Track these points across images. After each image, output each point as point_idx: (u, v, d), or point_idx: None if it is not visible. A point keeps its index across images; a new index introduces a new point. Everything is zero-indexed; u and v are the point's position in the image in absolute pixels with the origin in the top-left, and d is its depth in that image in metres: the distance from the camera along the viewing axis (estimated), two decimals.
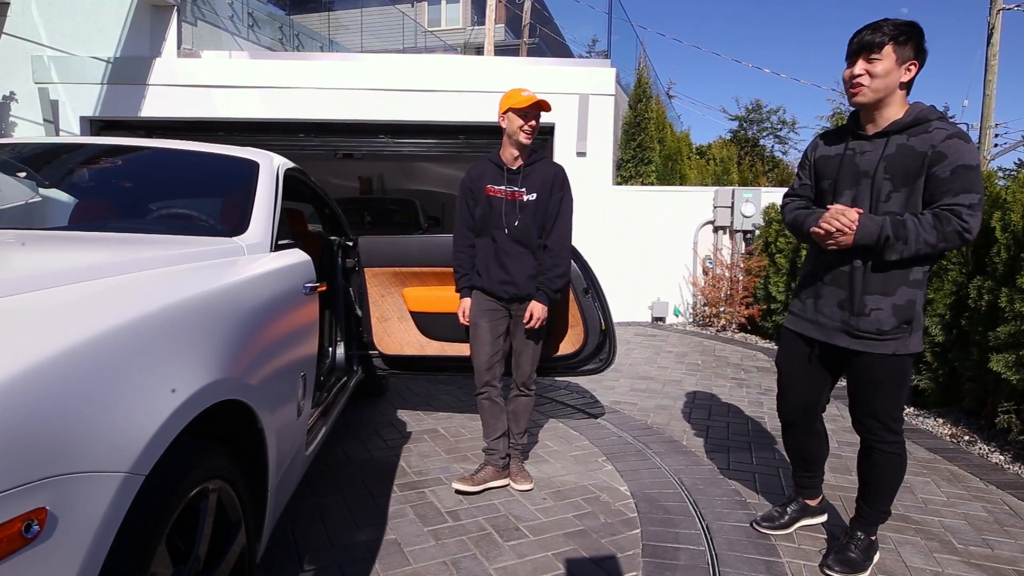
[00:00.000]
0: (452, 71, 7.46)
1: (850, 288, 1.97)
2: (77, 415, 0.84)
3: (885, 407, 2.02)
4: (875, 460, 2.11)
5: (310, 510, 2.55)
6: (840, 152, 2.01)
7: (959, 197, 1.80)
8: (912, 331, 1.94)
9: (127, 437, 0.91)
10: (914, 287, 1.92)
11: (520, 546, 2.30)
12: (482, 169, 2.78)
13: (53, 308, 0.99)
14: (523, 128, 2.64)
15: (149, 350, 1.04)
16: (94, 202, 2.37)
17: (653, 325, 7.56)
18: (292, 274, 2.01)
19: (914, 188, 1.87)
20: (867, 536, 2.17)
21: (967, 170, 1.80)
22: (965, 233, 1.81)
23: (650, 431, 3.63)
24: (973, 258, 3.82)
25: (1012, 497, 2.80)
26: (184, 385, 1.09)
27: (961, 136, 1.83)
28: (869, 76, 1.87)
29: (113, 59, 7.23)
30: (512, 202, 2.70)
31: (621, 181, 8.12)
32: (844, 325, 2.00)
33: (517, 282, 2.71)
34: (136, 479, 0.91)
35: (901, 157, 1.88)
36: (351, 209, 10.54)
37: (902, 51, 1.85)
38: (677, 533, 2.41)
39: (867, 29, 1.88)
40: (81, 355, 0.89)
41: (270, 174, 2.38)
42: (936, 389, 4.01)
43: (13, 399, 0.76)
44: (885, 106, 1.90)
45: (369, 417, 3.85)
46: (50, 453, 0.79)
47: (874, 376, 2.00)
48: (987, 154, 14.70)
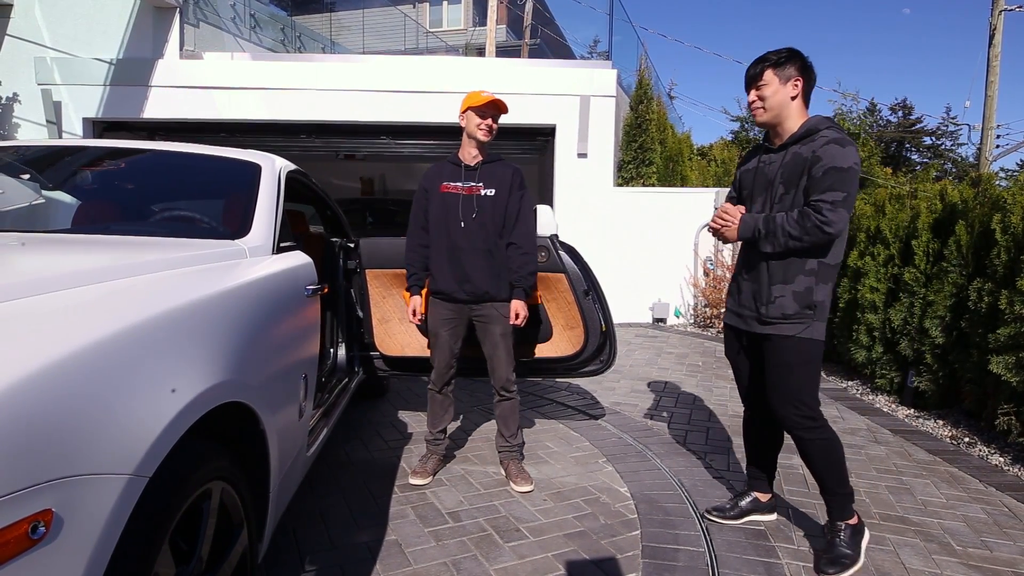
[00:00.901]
0: (454, 73, 7.47)
1: (759, 281, 2.20)
2: (83, 418, 0.86)
3: (800, 392, 2.15)
4: (808, 451, 2.21)
5: (311, 510, 2.56)
6: (755, 165, 2.28)
7: (824, 194, 2.01)
8: (815, 318, 2.13)
9: (132, 439, 0.93)
10: (810, 275, 2.12)
11: (520, 547, 2.31)
12: (439, 169, 2.83)
13: (58, 312, 1.01)
14: (480, 126, 2.73)
15: (153, 353, 1.05)
16: (96, 204, 2.38)
17: (654, 326, 7.56)
18: (294, 276, 2.02)
19: (799, 189, 2.10)
20: (847, 523, 2.21)
21: (837, 171, 2.01)
22: (825, 227, 1.99)
23: (650, 432, 3.64)
24: (973, 260, 3.83)
25: (1011, 499, 2.80)
26: (187, 388, 1.10)
27: (839, 142, 2.04)
28: (760, 100, 2.16)
29: (116, 60, 7.25)
30: (469, 197, 2.74)
31: (622, 182, 8.13)
32: (757, 313, 2.21)
33: (473, 279, 2.72)
34: (140, 481, 0.92)
35: (792, 164, 2.12)
36: (353, 210, 10.55)
37: (782, 72, 2.13)
38: (677, 534, 2.42)
39: (751, 64, 2.19)
40: (86, 358, 0.90)
41: (272, 176, 2.40)
42: (936, 391, 4.01)
43: (20, 402, 0.77)
44: (784, 120, 2.16)
45: (370, 417, 3.86)
46: (56, 455, 0.80)
47: (785, 358, 2.16)
48: (988, 155, 14.69)
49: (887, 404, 4.34)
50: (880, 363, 4.52)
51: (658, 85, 11.69)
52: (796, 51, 2.16)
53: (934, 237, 4.17)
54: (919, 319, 4.12)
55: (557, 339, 3.29)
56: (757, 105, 2.18)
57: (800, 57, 2.15)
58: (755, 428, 2.50)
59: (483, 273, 2.73)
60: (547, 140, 7.91)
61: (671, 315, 7.68)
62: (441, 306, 2.81)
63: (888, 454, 3.35)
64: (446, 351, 2.86)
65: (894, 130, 29.36)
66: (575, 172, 7.49)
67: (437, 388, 2.93)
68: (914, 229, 4.33)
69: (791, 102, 2.14)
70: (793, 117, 2.15)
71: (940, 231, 4.18)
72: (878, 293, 4.53)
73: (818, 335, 2.15)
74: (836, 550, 2.18)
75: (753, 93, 2.18)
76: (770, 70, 2.13)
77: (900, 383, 4.37)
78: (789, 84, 2.12)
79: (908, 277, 4.24)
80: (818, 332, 2.15)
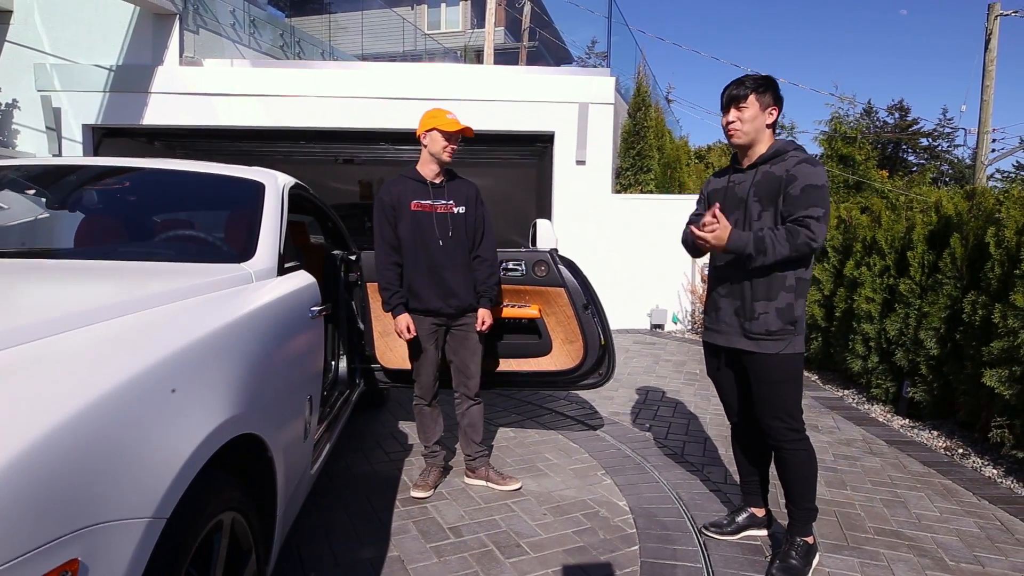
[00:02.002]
0: (453, 80, 7.51)
1: (742, 297, 2.27)
2: (105, 465, 0.89)
3: (783, 405, 2.25)
4: (786, 461, 2.31)
5: (315, 525, 2.59)
6: (725, 184, 2.37)
7: (808, 210, 2.11)
8: (796, 333, 2.23)
9: (151, 482, 0.96)
10: (790, 291, 2.21)
11: (521, 563, 2.35)
12: (401, 186, 2.83)
13: (76, 355, 1.03)
14: (446, 149, 2.79)
15: (169, 395, 1.08)
16: (100, 224, 2.41)
17: (652, 332, 7.60)
18: (299, 299, 2.05)
19: (776, 206, 2.20)
20: (804, 540, 2.30)
21: (814, 188, 2.12)
22: (812, 242, 2.11)
23: (648, 443, 3.68)
24: (968, 272, 3.87)
25: (1004, 512, 2.84)
26: (202, 425, 1.13)
27: (810, 161, 2.17)
28: (740, 121, 2.24)
29: (115, 67, 7.27)
30: (444, 215, 2.80)
31: (620, 189, 8.17)
32: (741, 329, 2.28)
33: (459, 293, 2.82)
34: (159, 523, 0.95)
35: (765, 182, 2.22)
36: (352, 215, 10.57)
37: (763, 99, 2.23)
38: (675, 550, 2.45)
39: (733, 84, 2.27)
40: (108, 405, 0.93)
41: (275, 195, 2.42)
42: (931, 401, 4.06)
43: (46, 455, 0.80)
44: (756, 143, 2.27)
45: (371, 429, 3.89)
46: (81, 504, 0.83)
47: (770, 375, 2.25)
48: (984, 159, 14.76)
49: (883, 414, 4.38)
50: (876, 373, 4.56)
51: (656, 90, 11.73)
52: (773, 80, 2.26)
53: (929, 249, 4.22)
54: (914, 330, 4.17)
55: (557, 352, 3.33)
56: (736, 127, 2.25)
57: (776, 86, 2.26)
58: (743, 443, 2.56)
59: (465, 287, 2.84)
60: (546, 146, 7.96)
61: (669, 321, 7.72)
62: (426, 322, 2.86)
63: (883, 466, 3.39)
64: (432, 364, 2.92)
65: (891, 131, 29.47)
66: (574, 179, 7.53)
67: (427, 401, 2.98)
68: (909, 240, 4.38)
69: (765, 128, 2.24)
70: (764, 141, 2.26)
71: (935, 243, 4.22)
72: (874, 304, 4.57)
73: (799, 348, 2.25)
74: (789, 561, 2.27)
75: (734, 113, 2.25)
76: (754, 96, 2.22)
77: (895, 393, 4.41)
78: (766, 112, 2.23)
79: (904, 288, 4.28)
80: (799, 346, 2.25)
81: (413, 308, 2.87)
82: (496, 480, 3.00)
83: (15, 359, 0.97)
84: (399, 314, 2.82)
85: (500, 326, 3.34)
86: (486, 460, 3.07)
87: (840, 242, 5.30)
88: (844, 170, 16.57)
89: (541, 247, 3.33)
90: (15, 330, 1.04)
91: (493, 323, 2.93)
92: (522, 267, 3.23)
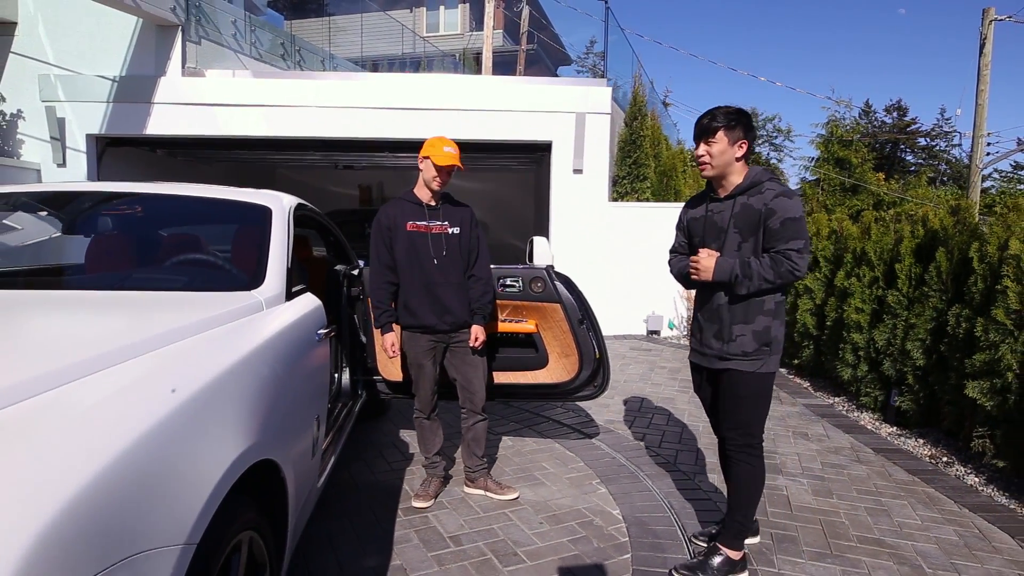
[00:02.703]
0: (452, 90, 7.62)
1: (720, 321, 2.37)
2: (141, 500, 0.99)
3: (746, 420, 2.37)
4: (734, 469, 2.43)
5: (320, 534, 2.70)
6: (703, 213, 2.46)
7: (790, 243, 2.22)
8: (771, 353, 2.33)
9: (182, 512, 1.07)
10: (768, 315, 2.32)
11: (518, 572, 2.46)
12: (398, 209, 2.96)
13: (109, 399, 1.14)
14: (436, 179, 2.91)
15: (198, 428, 1.19)
16: (110, 251, 2.49)
17: (648, 339, 7.72)
18: (306, 323, 2.16)
19: (757, 237, 2.29)
20: (729, 553, 2.39)
21: (793, 221, 2.23)
22: (796, 271, 2.21)
23: (643, 452, 3.79)
24: (953, 286, 3.98)
25: (983, 520, 2.96)
26: (227, 455, 1.24)
27: (786, 194, 2.26)
28: (709, 155, 2.32)
29: (118, 78, 7.37)
30: (438, 235, 2.92)
31: (617, 197, 8.28)
32: (719, 352, 2.38)
33: (454, 310, 2.93)
34: (190, 549, 1.06)
35: (744, 214, 2.31)
36: (351, 221, 10.69)
37: (732, 134, 2.29)
38: (665, 558, 2.56)
39: (705, 116, 2.33)
40: (142, 445, 1.04)
41: (282, 220, 2.53)
42: (917, 410, 4.17)
43: (94, 494, 0.91)
44: (728, 175, 2.35)
45: (373, 438, 4.00)
46: (122, 537, 0.94)
47: (738, 391, 2.36)
48: (979, 162, 14.89)
49: (871, 421, 4.50)
50: (864, 381, 4.68)
51: (652, 95, 11.85)
52: (744, 113, 2.34)
53: (916, 262, 4.33)
54: (902, 341, 4.28)
55: (553, 366, 3.44)
56: (704, 160, 2.34)
57: (747, 120, 2.33)
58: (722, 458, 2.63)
59: (459, 304, 2.95)
60: (543, 155, 8.07)
61: (665, 327, 7.84)
62: (422, 338, 2.97)
63: (869, 474, 3.50)
64: (430, 379, 3.03)
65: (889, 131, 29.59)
66: (571, 188, 7.64)
67: (426, 415, 3.09)
68: (898, 253, 4.49)
69: (735, 161, 2.31)
70: (736, 172, 2.34)
71: (922, 256, 4.34)
72: (863, 314, 4.69)
73: (772, 368, 2.35)
74: (703, 565, 2.38)
75: (703, 147, 2.33)
76: (722, 131, 2.29)
77: (883, 401, 4.53)
78: (736, 146, 2.30)
79: (892, 300, 4.40)
80: (772, 365, 2.35)
81: (409, 325, 2.97)
82: (495, 490, 3.11)
83: (53, 402, 1.07)
84: (386, 332, 2.96)
85: (498, 340, 3.45)
86: (486, 472, 3.18)
87: (831, 252, 5.42)
88: (840, 173, 16.72)
89: (538, 263, 3.44)
90: (49, 374, 1.14)
91: (486, 340, 3.02)
92: (519, 283, 3.34)
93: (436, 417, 3.13)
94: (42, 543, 0.80)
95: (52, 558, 0.81)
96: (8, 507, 0.82)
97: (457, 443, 3.76)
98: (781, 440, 4.05)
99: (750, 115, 2.37)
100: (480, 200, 12.47)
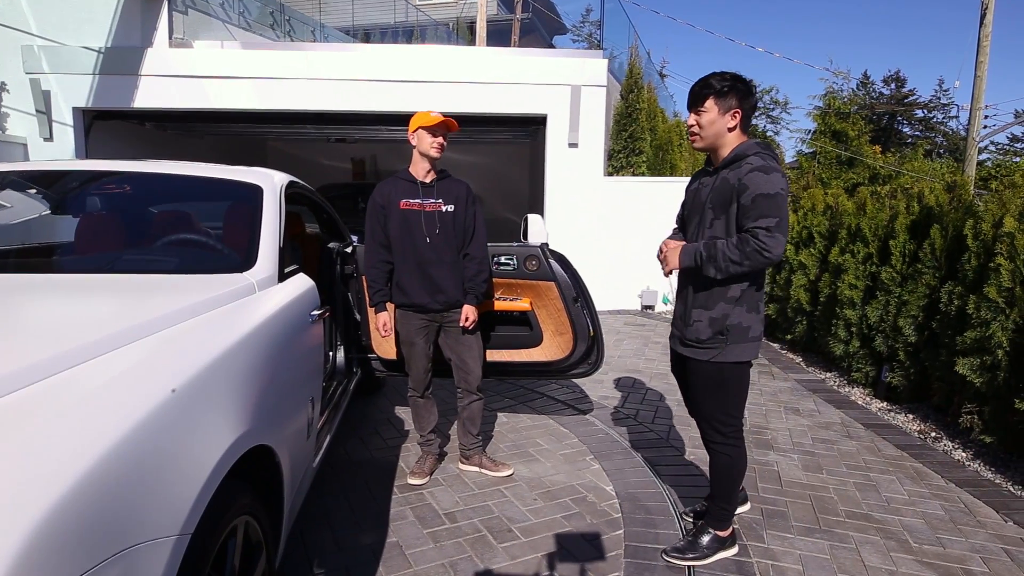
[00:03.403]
0: (445, 62, 7.48)
1: (685, 303, 2.32)
2: (136, 491, 0.99)
3: (710, 411, 2.32)
4: (712, 458, 2.41)
5: (317, 511, 2.73)
6: (696, 187, 2.36)
7: (758, 221, 2.06)
8: (728, 342, 2.21)
9: (178, 502, 1.07)
10: (730, 303, 2.20)
11: (513, 548, 2.50)
12: (392, 186, 2.93)
13: (103, 388, 1.13)
14: (433, 144, 2.86)
15: (193, 417, 1.18)
16: (99, 231, 2.46)
17: (642, 313, 7.75)
18: (299, 305, 2.15)
19: (729, 215, 2.16)
20: (716, 533, 2.41)
21: (765, 198, 2.05)
22: (764, 251, 2.04)
23: (636, 428, 3.83)
24: (946, 263, 3.99)
25: (968, 495, 3.01)
26: (221, 442, 1.24)
27: (762, 169, 2.08)
28: (698, 126, 2.20)
29: (104, 49, 7.20)
30: (431, 213, 2.89)
31: (612, 171, 8.22)
32: (681, 334, 2.34)
33: (445, 289, 2.91)
34: (185, 538, 1.07)
35: (720, 189, 2.18)
36: (344, 195, 10.61)
37: (724, 102, 2.14)
38: (657, 534, 2.61)
39: (697, 84, 2.19)
40: (135, 436, 1.03)
41: (273, 199, 2.49)
42: (908, 386, 4.22)
43: (88, 488, 0.91)
44: (721, 147, 2.21)
45: (368, 414, 4.02)
46: (118, 530, 0.94)
47: (697, 381, 2.32)
48: (976, 135, 14.83)
49: (862, 397, 4.55)
50: (856, 357, 4.72)
51: (649, 67, 11.69)
52: (740, 79, 2.17)
53: (911, 238, 4.33)
54: (894, 317, 4.31)
55: (547, 344, 3.45)
56: (694, 131, 2.22)
57: (742, 87, 2.16)
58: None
59: (452, 283, 2.93)
60: (538, 128, 7.97)
61: (659, 302, 7.86)
62: (414, 317, 2.97)
63: (859, 449, 3.55)
64: (423, 358, 3.04)
65: (886, 103, 29.37)
66: (566, 162, 7.57)
67: (419, 393, 3.11)
68: (892, 229, 4.49)
69: (727, 132, 2.17)
70: (728, 144, 2.19)
71: (917, 233, 4.34)
72: (857, 290, 4.70)
73: (732, 358, 2.22)
74: (692, 545, 2.40)
75: (692, 118, 2.21)
76: (712, 98, 2.15)
77: (875, 377, 4.57)
78: (728, 115, 2.15)
79: (885, 276, 4.41)
80: (733, 355, 2.22)
81: (402, 304, 2.97)
82: (489, 467, 3.15)
83: (46, 393, 1.07)
84: (380, 311, 2.95)
85: (493, 318, 3.45)
86: (481, 449, 3.21)
87: (827, 228, 5.41)
88: (837, 146, 16.62)
89: (532, 241, 3.43)
90: (43, 363, 1.13)
91: (477, 320, 2.99)
92: (514, 261, 3.33)
93: (430, 396, 3.14)
94: (35, 540, 0.80)
95: (45, 555, 0.81)
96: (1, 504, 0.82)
97: (452, 420, 3.78)
98: (773, 415, 4.09)
99: (747, 82, 2.18)
100: (474, 174, 12.37)
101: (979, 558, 2.47)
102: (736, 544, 2.47)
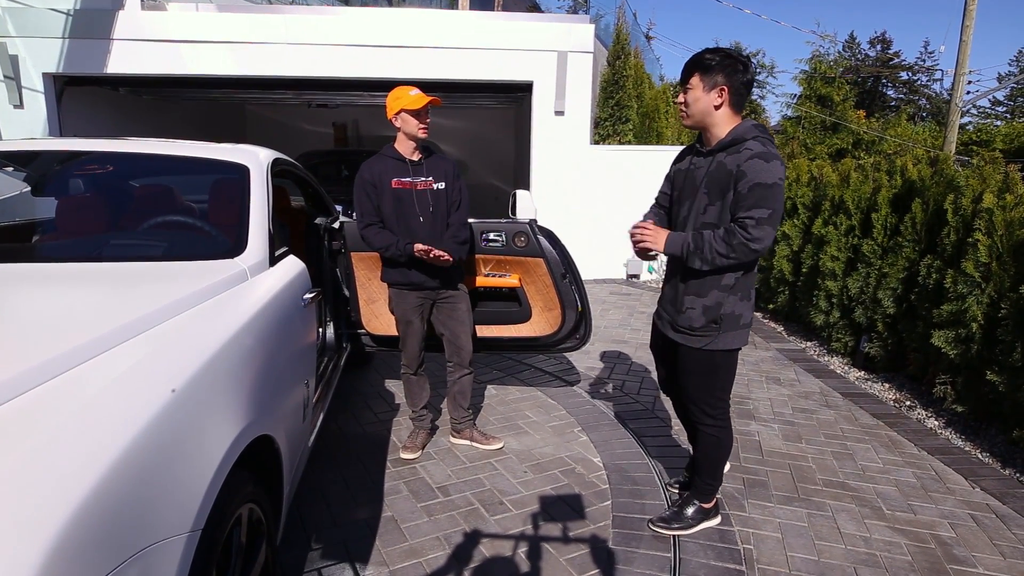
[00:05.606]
0: (429, 27, 7.30)
1: (676, 288, 2.30)
2: (149, 493, 1.02)
3: (700, 394, 2.35)
4: (699, 436, 2.45)
5: (313, 487, 2.78)
6: (687, 167, 2.28)
7: (750, 211, 2.01)
8: (721, 330, 2.21)
9: (188, 500, 1.10)
10: (724, 291, 2.18)
11: (504, 520, 2.58)
12: (382, 165, 2.89)
13: (103, 389, 1.14)
14: (420, 127, 2.83)
15: (192, 417, 1.20)
16: (82, 215, 2.41)
17: (628, 283, 7.82)
18: (292, 290, 2.15)
19: (724, 202, 2.10)
20: (700, 505, 2.51)
21: (762, 187, 2.00)
22: (751, 243, 2.01)
23: (622, 399, 3.92)
24: (926, 237, 4.07)
25: (939, 462, 3.15)
26: (225, 437, 1.26)
27: (762, 156, 2.01)
28: (685, 103, 2.15)
29: (73, 11, 6.93)
30: (423, 192, 2.88)
31: (599, 140, 8.17)
32: (672, 319, 2.34)
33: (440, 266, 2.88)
34: (196, 535, 1.10)
35: (717, 173, 2.11)
36: (327, 162, 10.42)
37: (709, 79, 2.07)
38: (643, 504, 2.71)
39: (688, 61, 2.12)
40: (141, 440, 1.05)
41: (260, 178, 2.46)
42: (885, 356, 4.34)
43: (103, 492, 0.93)
44: (712, 126, 2.14)
45: (358, 388, 4.07)
46: (134, 532, 0.97)
47: (688, 367, 2.33)
48: (959, 101, 14.88)
49: (840, 366, 4.68)
50: (836, 328, 4.83)
51: (635, 30, 11.51)
52: (729, 55, 2.09)
53: (893, 212, 4.40)
54: (874, 289, 4.41)
55: (536, 319, 3.49)
56: (682, 108, 2.17)
57: (730, 63, 2.07)
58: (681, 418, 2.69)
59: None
60: (524, 95, 7.87)
61: (644, 271, 7.93)
62: (410, 295, 2.99)
63: (836, 419, 3.68)
64: (418, 336, 3.07)
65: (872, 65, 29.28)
66: (552, 130, 7.51)
67: (413, 371, 3.14)
68: (875, 202, 4.55)
69: (715, 111, 2.09)
70: (720, 124, 2.12)
71: (899, 206, 4.40)
72: (838, 262, 4.79)
73: (724, 346, 2.23)
74: (677, 515, 2.50)
75: (682, 96, 2.16)
76: (697, 75, 2.08)
77: (853, 347, 4.70)
78: (713, 92, 2.07)
79: (866, 249, 4.49)
80: (725, 343, 2.22)
81: (397, 282, 2.98)
82: (480, 440, 3.22)
83: (51, 397, 1.08)
84: (411, 251, 2.76)
85: (482, 294, 3.48)
86: (472, 423, 3.27)
87: (811, 199, 5.47)
88: (821, 111, 16.61)
89: (521, 217, 3.43)
90: (43, 364, 1.14)
91: (467, 291, 3.01)
92: (502, 238, 3.34)
93: (423, 372, 3.18)
94: (58, 548, 0.82)
95: (68, 561, 0.83)
96: (21, 512, 0.84)
97: (442, 394, 3.83)
98: (755, 385, 4.21)
99: (738, 57, 2.08)
100: (458, 140, 12.22)
101: (947, 523, 2.60)
102: (719, 514, 2.58)
